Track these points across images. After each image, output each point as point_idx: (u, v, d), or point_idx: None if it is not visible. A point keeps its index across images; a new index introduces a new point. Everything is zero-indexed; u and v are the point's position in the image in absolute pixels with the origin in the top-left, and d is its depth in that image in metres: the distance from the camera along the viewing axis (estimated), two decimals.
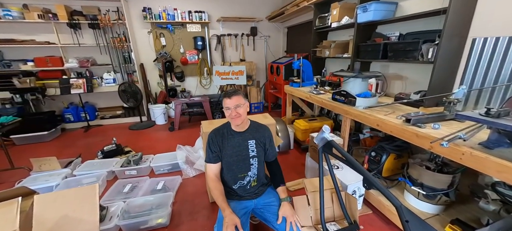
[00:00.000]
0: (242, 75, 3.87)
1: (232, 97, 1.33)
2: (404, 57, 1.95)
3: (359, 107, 1.91)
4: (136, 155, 2.54)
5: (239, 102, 1.34)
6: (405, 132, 1.46)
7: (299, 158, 2.84)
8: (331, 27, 2.88)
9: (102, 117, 4.42)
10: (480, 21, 1.61)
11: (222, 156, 1.41)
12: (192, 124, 4.29)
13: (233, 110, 1.32)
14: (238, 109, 1.33)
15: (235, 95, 1.34)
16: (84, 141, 3.56)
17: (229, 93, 1.35)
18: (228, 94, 1.34)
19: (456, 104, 1.48)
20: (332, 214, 1.66)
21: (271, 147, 1.51)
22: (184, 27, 4.45)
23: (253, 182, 1.48)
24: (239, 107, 1.34)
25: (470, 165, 1.12)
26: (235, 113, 1.32)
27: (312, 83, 3.18)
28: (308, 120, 2.98)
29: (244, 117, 1.38)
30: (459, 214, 1.55)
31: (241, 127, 1.42)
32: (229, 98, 1.33)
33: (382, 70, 2.46)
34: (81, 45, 3.94)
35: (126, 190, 2.11)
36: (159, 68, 4.54)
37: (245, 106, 1.38)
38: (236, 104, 1.32)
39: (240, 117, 1.35)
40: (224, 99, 1.36)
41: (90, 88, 3.88)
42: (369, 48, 2.29)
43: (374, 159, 2.01)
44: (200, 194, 2.14)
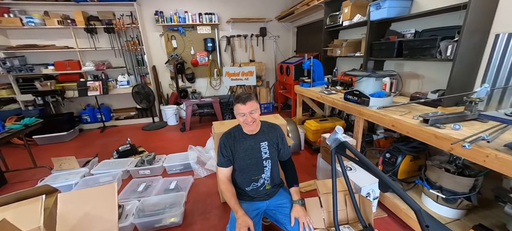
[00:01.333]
0: (252, 76, 3.87)
1: (247, 102, 1.27)
2: (420, 55, 1.88)
3: (373, 107, 1.86)
4: (150, 155, 2.61)
5: (254, 107, 1.30)
6: (422, 133, 1.41)
7: (310, 159, 2.80)
8: (342, 26, 2.82)
9: (117, 118, 4.57)
10: (503, 15, 1.52)
11: (234, 159, 1.40)
12: (203, 124, 4.35)
13: (249, 115, 1.28)
14: (253, 114, 1.30)
15: (250, 100, 1.28)
16: (100, 141, 3.70)
17: (242, 98, 1.28)
18: (242, 100, 1.28)
19: (478, 103, 1.41)
20: (346, 216, 1.63)
21: (284, 146, 1.50)
22: (195, 29, 4.53)
23: (267, 185, 1.47)
24: (254, 113, 1.30)
25: (495, 167, 1.06)
26: (250, 119, 1.29)
27: (323, 83, 3.13)
28: (319, 121, 2.94)
29: (258, 122, 1.37)
30: (482, 219, 1.48)
31: (253, 131, 1.40)
32: (243, 104, 1.27)
33: (396, 68, 2.38)
34: (97, 49, 4.10)
35: (141, 189, 2.16)
36: (170, 70, 4.64)
37: (258, 110, 1.35)
38: (251, 110, 1.28)
39: (255, 122, 1.33)
40: (237, 104, 1.29)
41: (105, 90, 4.02)
42: (383, 46, 2.23)
43: (389, 160, 1.95)
44: (212, 194, 2.17)
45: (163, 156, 2.77)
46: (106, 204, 1.03)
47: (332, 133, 1.42)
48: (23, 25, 3.64)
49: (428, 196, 1.64)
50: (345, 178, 1.51)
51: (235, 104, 1.31)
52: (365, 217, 1.52)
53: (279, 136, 1.48)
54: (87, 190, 1.09)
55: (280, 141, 1.48)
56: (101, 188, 1.11)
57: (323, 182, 1.66)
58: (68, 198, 1.04)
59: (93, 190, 1.10)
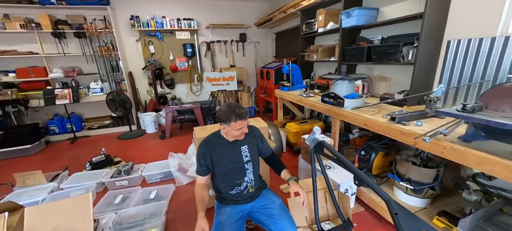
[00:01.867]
0: (233, 81, 3.89)
1: (246, 117, 1.33)
2: (386, 59, 2.05)
3: (347, 108, 1.98)
4: (127, 165, 2.49)
5: (249, 120, 1.40)
6: (391, 130, 1.54)
7: (292, 160, 2.87)
8: (317, 32, 2.98)
9: (89, 127, 4.28)
10: (453, 24, 1.74)
11: (215, 166, 1.41)
12: (184, 131, 4.25)
13: (247, 128, 1.36)
14: (246, 126, 1.37)
15: (247, 115, 1.35)
16: (71, 153, 3.44)
17: (242, 114, 1.30)
18: (242, 116, 1.30)
19: (436, 102, 1.58)
20: (326, 213, 1.70)
21: (264, 145, 1.55)
22: (173, 35, 4.45)
23: (250, 187, 1.49)
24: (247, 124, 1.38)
25: (451, 158, 1.20)
26: (246, 131, 1.37)
27: (302, 87, 3.25)
28: (299, 123, 3.04)
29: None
30: (445, 206, 1.64)
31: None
32: (244, 120, 1.32)
33: (367, 72, 2.57)
34: (66, 55, 3.84)
35: (118, 201, 2.05)
36: (148, 76, 4.49)
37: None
38: (248, 122, 1.37)
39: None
40: (237, 120, 1.29)
41: (76, 98, 3.77)
42: (354, 52, 2.39)
43: (364, 157, 2.08)
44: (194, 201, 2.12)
45: (142, 165, 2.66)
46: (80, 215, 0.96)
47: (311, 133, 1.49)
48: None
49: (398, 188, 1.77)
50: (325, 176, 1.58)
51: (235, 121, 1.29)
52: (344, 212, 1.60)
53: (258, 136, 1.53)
54: (58, 202, 1.02)
55: (260, 141, 1.53)
56: (73, 200, 1.04)
57: (303, 182, 1.73)
58: (37, 212, 0.95)
59: (65, 202, 1.03)
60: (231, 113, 1.28)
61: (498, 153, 1.03)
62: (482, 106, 1.14)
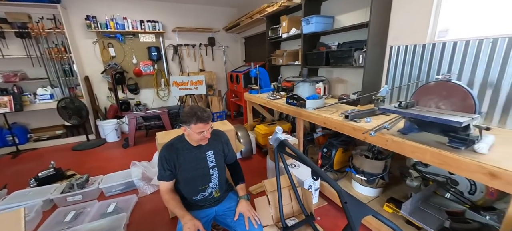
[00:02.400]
0: (201, 85, 3.83)
1: (208, 121, 1.29)
2: (342, 63, 2.24)
3: (309, 108, 2.10)
4: (81, 178, 2.26)
5: (212, 125, 1.35)
6: (345, 127, 1.67)
7: (261, 162, 2.92)
8: (282, 38, 3.12)
9: (36, 139, 3.79)
10: (393, 32, 1.98)
11: (178, 172, 1.36)
12: (150, 138, 4.03)
13: (209, 133, 1.31)
14: (209, 130, 1.33)
15: (210, 120, 1.31)
16: (12, 169, 2.99)
17: (204, 117, 1.26)
18: (203, 119, 1.26)
19: (382, 100, 1.77)
20: (291, 210, 1.76)
21: (229, 151, 1.54)
22: (136, 37, 4.22)
23: (215, 193, 1.47)
24: (210, 129, 1.34)
25: (393, 149, 1.35)
26: (208, 136, 1.32)
27: (270, 90, 3.35)
28: (268, 125, 3.12)
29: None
30: (394, 193, 1.83)
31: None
32: (206, 123, 1.27)
33: (327, 75, 2.76)
34: (5, 57, 3.37)
35: (69, 219, 1.85)
36: (108, 81, 4.16)
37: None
38: (210, 127, 1.32)
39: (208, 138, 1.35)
40: (198, 123, 1.25)
41: (19, 106, 3.31)
42: (315, 56, 2.56)
43: (326, 154, 2.22)
44: (160, 211, 2.02)
45: (99, 177, 2.44)
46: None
47: (274, 133, 1.55)
48: None
49: (355, 180, 1.93)
50: (288, 174, 1.65)
51: (196, 123, 1.25)
52: (307, 207, 1.69)
53: (224, 141, 1.51)
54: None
55: (226, 146, 1.51)
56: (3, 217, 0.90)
57: (269, 181, 1.77)
58: None
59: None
60: (193, 115, 1.25)
61: (427, 142, 1.20)
62: (414, 103, 1.32)
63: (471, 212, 1.32)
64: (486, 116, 1.51)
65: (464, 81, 1.57)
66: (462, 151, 1.07)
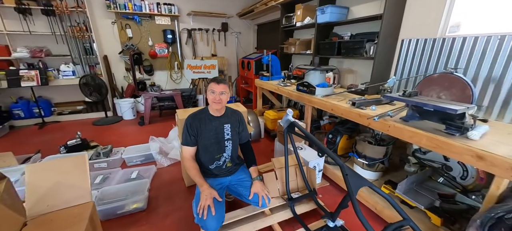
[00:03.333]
0: (214, 69, 3.96)
1: (221, 83, 1.47)
2: (353, 53, 2.33)
3: (318, 95, 2.22)
4: (106, 148, 2.49)
5: (225, 90, 1.50)
6: (351, 113, 1.80)
7: (269, 145, 3.10)
8: (296, 26, 3.18)
9: (59, 112, 4.06)
10: (406, 26, 2.04)
11: (199, 139, 1.55)
12: (163, 118, 4.24)
13: (218, 94, 1.46)
14: (222, 95, 1.49)
15: (223, 83, 1.49)
16: (41, 138, 3.28)
17: (218, 79, 1.50)
18: (217, 80, 1.49)
19: (389, 91, 1.88)
20: (296, 186, 1.94)
21: (243, 130, 1.71)
22: (152, 19, 4.34)
23: (228, 162, 1.66)
24: (223, 94, 1.49)
25: (393, 134, 1.48)
26: (218, 99, 1.46)
27: (280, 77, 3.46)
28: (277, 111, 3.26)
29: (224, 104, 1.55)
30: (392, 177, 1.97)
31: (218, 112, 1.58)
32: (217, 84, 1.47)
33: (338, 65, 2.85)
34: (32, 33, 3.57)
35: (98, 181, 2.09)
36: (125, 61, 4.35)
37: (227, 95, 1.54)
38: (222, 91, 1.48)
39: (221, 103, 1.50)
40: (211, 83, 1.48)
41: (44, 81, 3.55)
42: (327, 46, 2.64)
43: (331, 140, 2.36)
44: (177, 180, 2.24)
45: (121, 148, 2.67)
46: (78, 173, 1.04)
47: (285, 115, 1.70)
48: None
49: (357, 164, 2.08)
50: (296, 153, 1.81)
51: (210, 83, 1.49)
52: (310, 183, 1.86)
53: (240, 120, 1.69)
54: (58, 161, 1.07)
55: (240, 124, 1.69)
56: (71, 159, 1.10)
57: (277, 159, 1.94)
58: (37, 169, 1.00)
59: (64, 160, 1.08)
60: (212, 78, 1.53)
61: (425, 129, 1.32)
62: (417, 92, 1.43)
63: (461, 195, 1.46)
64: (486, 110, 1.61)
65: (469, 76, 1.66)
66: (456, 137, 1.19)
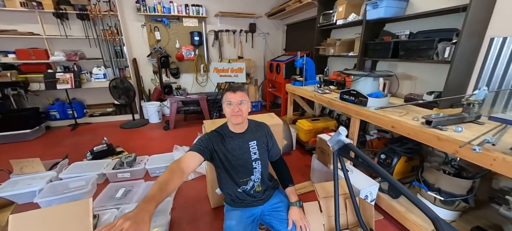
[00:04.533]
0: (241, 73, 3.72)
1: (237, 92, 1.22)
2: (417, 56, 1.87)
3: (371, 107, 1.82)
4: (130, 156, 2.36)
5: (243, 99, 1.23)
6: (424, 135, 1.38)
7: (302, 159, 2.74)
8: (336, 25, 2.79)
9: (91, 114, 4.15)
10: (499, 19, 1.55)
11: (220, 160, 1.26)
12: (188, 123, 4.11)
13: (236, 105, 1.20)
14: (241, 106, 1.21)
15: (240, 91, 1.23)
16: (71, 140, 3.32)
17: (233, 87, 1.24)
18: (232, 88, 1.23)
19: (477, 106, 1.41)
20: (346, 221, 1.56)
21: (273, 145, 1.41)
22: (180, 21, 4.25)
23: (257, 187, 1.35)
24: (243, 104, 1.22)
25: (503, 171, 1.04)
26: (237, 109, 1.20)
27: (315, 82, 3.08)
28: (312, 120, 2.88)
29: (245, 116, 1.26)
30: (477, 220, 1.49)
31: (240, 128, 1.29)
32: (233, 93, 1.21)
33: (389, 69, 2.39)
34: (68, 37, 3.67)
35: (119, 195, 1.93)
36: (153, 64, 4.32)
37: (247, 105, 1.26)
38: (240, 100, 1.21)
39: (241, 116, 1.22)
40: (227, 93, 1.24)
41: (78, 84, 3.62)
42: (378, 47, 2.21)
43: (384, 161, 1.93)
44: (201, 199, 2.00)
45: (145, 157, 2.53)
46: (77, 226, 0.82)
47: (335, 134, 1.34)
48: None
49: (424, 197, 1.63)
50: (347, 181, 1.44)
51: (225, 93, 1.25)
52: (366, 222, 1.47)
53: (268, 134, 1.39)
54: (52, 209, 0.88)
55: (269, 139, 1.39)
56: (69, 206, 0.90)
57: (322, 186, 1.59)
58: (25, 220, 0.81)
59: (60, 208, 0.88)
60: (227, 87, 1.28)
61: None
62: None
63: None
64: None
65: None
66: None
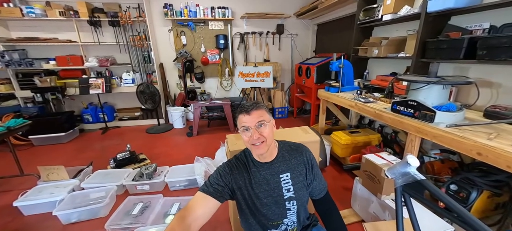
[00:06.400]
0: (268, 77, 3.45)
1: (252, 111, 0.88)
2: (508, 56, 1.39)
3: (441, 124, 1.39)
4: (150, 167, 2.23)
5: (262, 119, 0.89)
6: None
7: (337, 178, 2.35)
8: (381, 21, 2.36)
9: (120, 118, 4.26)
10: None
11: (244, 199, 0.97)
12: (212, 129, 3.97)
13: (255, 131, 0.88)
14: (262, 129, 0.88)
15: (256, 109, 0.90)
16: (100, 144, 3.38)
17: (246, 106, 0.91)
18: (245, 109, 0.90)
19: None
20: None
21: (315, 178, 1.02)
22: (206, 25, 4.15)
23: (291, 230, 1.04)
24: (264, 126, 0.89)
25: None
26: (257, 136, 0.87)
27: (353, 88, 2.67)
28: (350, 133, 2.47)
29: (270, 141, 0.92)
30: None
31: (267, 156, 0.96)
32: (247, 114, 0.88)
33: (455, 73, 1.90)
34: (101, 44, 3.80)
35: (136, 212, 1.79)
36: (179, 68, 4.29)
37: (270, 125, 0.92)
38: (259, 122, 0.88)
39: (265, 143, 0.89)
40: (239, 115, 0.91)
41: (108, 88, 3.71)
42: (444, 45, 1.75)
43: (456, 194, 1.48)
44: (222, 223, 1.76)
45: (166, 168, 2.38)
46: None
47: (401, 164, 0.97)
48: (23, 16, 3.37)
49: None
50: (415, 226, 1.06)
51: (238, 115, 0.93)
52: None
53: (308, 162, 1.01)
54: None
55: (309, 169, 1.00)
56: None
57: (374, 226, 1.22)
58: None
59: None
60: (239, 107, 0.96)
61: None
62: None
63: None
64: None
65: None
66: None
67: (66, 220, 1.77)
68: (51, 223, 1.77)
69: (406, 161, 0.94)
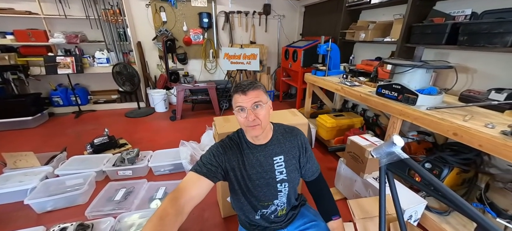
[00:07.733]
0: (255, 60, 3.36)
1: (248, 91, 0.84)
2: (486, 42, 1.47)
3: (421, 107, 1.46)
4: (132, 152, 2.13)
5: (259, 99, 0.85)
6: (508, 151, 1.03)
7: (323, 160, 2.43)
8: (369, 4, 2.36)
9: (95, 101, 3.95)
10: None
11: (237, 180, 0.95)
12: (196, 113, 3.85)
13: (251, 112, 0.84)
14: (258, 111, 0.85)
15: (253, 89, 0.85)
16: (74, 129, 3.13)
17: (243, 85, 0.86)
18: (241, 88, 0.85)
19: None
20: None
21: (309, 161, 1.03)
22: (188, 1, 3.87)
23: (280, 211, 1.05)
24: (260, 107, 0.86)
25: None
26: (253, 118, 0.84)
27: (339, 72, 2.70)
28: (334, 116, 2.53)
29: (265, 123, 0.89)
30: None
31: (262, 138, 0.95)
32: (243, 94, 0.84)
33: (436, 58, 1.98)
34: (68, 17, 3.39)
35: (119, 198, 1.72)
36: (159, 48, 4.01)
37: (267, 106, 0.89)
38: (255, 102, 0.84)
39: (260, 125, 0.87)
40: (234, 95, 0.87)
41: (80, 68, 3.39)
42: (428, 30, 1.80)
43: (430, 172, 1.60)
44: (211, 206, 1.75)
45: (149, 152, 2.29)
46: None
47: (386, 144, 0.99)
48: None
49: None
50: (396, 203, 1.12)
51: (233, 95, 0.89)
52: None
53: (302, 145, 1.00)
54: None
55: (303, 152, 1.00)
56: None
57: (358, 204, 1.28)
58: None
59: None
60: (235, 85, 0.92)
61: None
62: None
63: None
64: None
65: None
66: None
67: (40, 209, 1.64)
68: (23, 213, 1.64)
69: (392, 141, 0.97)
